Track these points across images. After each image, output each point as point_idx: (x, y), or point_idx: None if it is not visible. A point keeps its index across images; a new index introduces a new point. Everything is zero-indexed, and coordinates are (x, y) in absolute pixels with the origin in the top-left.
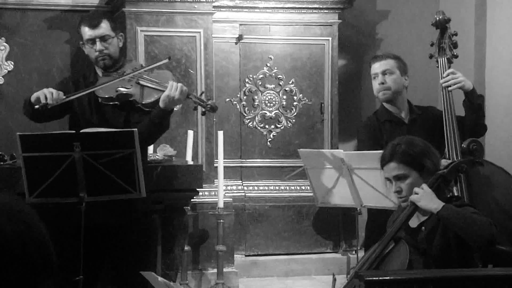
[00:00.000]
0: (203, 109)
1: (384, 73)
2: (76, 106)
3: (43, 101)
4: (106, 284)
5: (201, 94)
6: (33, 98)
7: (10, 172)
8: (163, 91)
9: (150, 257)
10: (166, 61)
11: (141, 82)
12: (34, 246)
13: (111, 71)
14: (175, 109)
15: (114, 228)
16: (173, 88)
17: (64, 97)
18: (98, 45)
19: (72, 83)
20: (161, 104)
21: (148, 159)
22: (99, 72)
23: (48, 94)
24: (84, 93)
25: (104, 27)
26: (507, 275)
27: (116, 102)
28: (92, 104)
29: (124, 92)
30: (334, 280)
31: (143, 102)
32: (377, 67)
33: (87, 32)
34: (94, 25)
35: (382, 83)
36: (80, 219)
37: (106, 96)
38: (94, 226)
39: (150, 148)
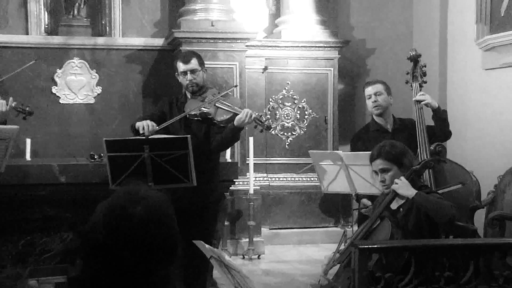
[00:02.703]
0: (261, 128)
1: (376, 94)
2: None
3: (141, 131)
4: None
5: (260, 116)
6: (136, 126)
7: (99, 167)
8: (234, 112)
9: (213, 230)
10: (233, 88)
11: (217, 105)
12: (159, 225)
13: (197, 95)
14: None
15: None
16: (247, 114)
17: (157, 128)
18: (189, 76)
19: (168, 104)
20: (235, 123)
21: None
22: (189, 95)
23: (146, 127)
24: (181, 116)
25: (194, 63)
26: (463, 243)
27: (199, 118)
28: (182, 119)
29: (205, 111)
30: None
31: (218, 120)
32: (370, 90)
33: (181, 66)
34: (186, 61)
35: (375, 101)
36: None
37: (193, 113)
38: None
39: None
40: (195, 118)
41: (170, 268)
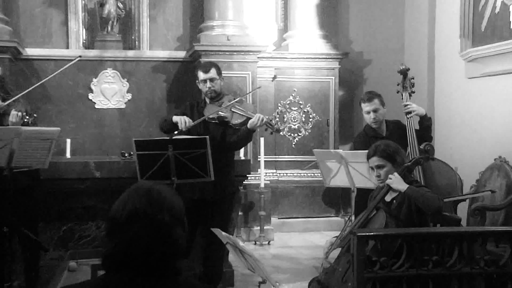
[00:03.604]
0: (272, 130)
1: (373, 111)
2: None
3: (181, 126)
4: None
5: (271, 120)
6: (174, 119)
7: (129, 163)
8: (247, 117)
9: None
10: (252, 91)
11: (233, 109)
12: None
13: (215, 101)
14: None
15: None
16: (259, 118)
17: (193, 123)
18: (208, 84)
19: (189, 107)
20: (248, 126)
21: None
22: (208, 100)
23: (183, 123)
24: (203, 118)
25: (213, 72)
26: (449, 231)
27: (217, 121)
28: (201, 122)
29: (222, 115)
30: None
31: (233, 123)
32: (368, 107)
33: (201, 75)
34: (206, 71)
35: (374, 117)
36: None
37: (211, 117)
38: (191, 200)
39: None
40: (213, 121)
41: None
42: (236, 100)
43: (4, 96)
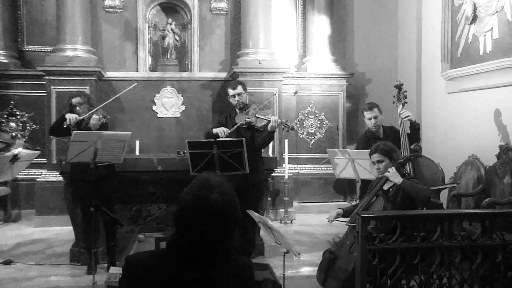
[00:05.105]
0: (287, 129)
1: (374, 117)
2: None
3: (221, 135)
4: None
5: (286, 121)
6: (214, 131)
7: (183, 160)
8: (268, 120)
9: (259, 203)
10: (269, 100)
11: (257, 115)
12: (232, 209)
13: (243, 111)
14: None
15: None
16: (275, 121)
17: (229, 131)
18: (236, 98)
19: (224, 118)
20: (269, 128)
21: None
22: (237, 111)
23: (222, 132)
24: (236, 126)
25: (239, 89)
26: (433, 213)
27: (245, 126)
28: (234, 128)
29: (248, 121)
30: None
31: (258, 126)
32: (369, 114)
33: (231, 91)
34: (234, 88)
35: (375, 123)
36: None
37: (241, 123)
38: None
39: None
40: (243, 126)
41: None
42: (258, 108)
43: (89, 108)
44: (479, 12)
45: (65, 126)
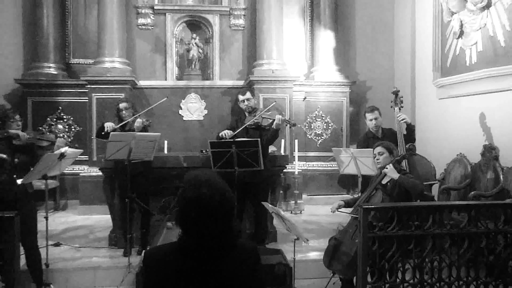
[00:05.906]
0: (290, 125)
1: (375, 119)
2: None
3: (225, 137)
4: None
5: (289, 118)
6: (220, 135)
7: (206, 157)
8: (272, 119)
9: (268, 194)
10: (273, 104)
11: (263, 116)
12: (227, 200)
13: (251, 114)
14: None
15: (252, 183)
16: (279, 119)
17: (233, 134)
18: (245, 102)
19: (235, 121)
20: (274, 126)
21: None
22: (246, 114)
23: (227, 134)
24: (243, 126)
25: (248, 95)
26: (426, 205)
27: (253, 127)
28: (244, 128)
29: (256, 121)
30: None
31: (264, 125)
32: (370, 116)
33: (240, 97)
34: (243, 94)
35: (375, 124)
36: (234, 179)
37: (249, 123)
38: (243, 182)
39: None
40: (252, 127)
41: (234, 220)
42: (264, 110)
43: (133, 113)
44: (465, 28)
45: (103, 133)
